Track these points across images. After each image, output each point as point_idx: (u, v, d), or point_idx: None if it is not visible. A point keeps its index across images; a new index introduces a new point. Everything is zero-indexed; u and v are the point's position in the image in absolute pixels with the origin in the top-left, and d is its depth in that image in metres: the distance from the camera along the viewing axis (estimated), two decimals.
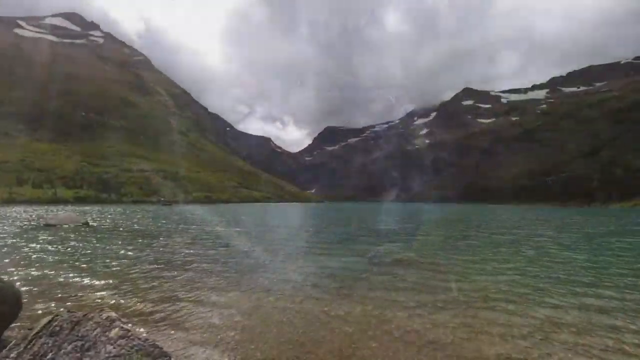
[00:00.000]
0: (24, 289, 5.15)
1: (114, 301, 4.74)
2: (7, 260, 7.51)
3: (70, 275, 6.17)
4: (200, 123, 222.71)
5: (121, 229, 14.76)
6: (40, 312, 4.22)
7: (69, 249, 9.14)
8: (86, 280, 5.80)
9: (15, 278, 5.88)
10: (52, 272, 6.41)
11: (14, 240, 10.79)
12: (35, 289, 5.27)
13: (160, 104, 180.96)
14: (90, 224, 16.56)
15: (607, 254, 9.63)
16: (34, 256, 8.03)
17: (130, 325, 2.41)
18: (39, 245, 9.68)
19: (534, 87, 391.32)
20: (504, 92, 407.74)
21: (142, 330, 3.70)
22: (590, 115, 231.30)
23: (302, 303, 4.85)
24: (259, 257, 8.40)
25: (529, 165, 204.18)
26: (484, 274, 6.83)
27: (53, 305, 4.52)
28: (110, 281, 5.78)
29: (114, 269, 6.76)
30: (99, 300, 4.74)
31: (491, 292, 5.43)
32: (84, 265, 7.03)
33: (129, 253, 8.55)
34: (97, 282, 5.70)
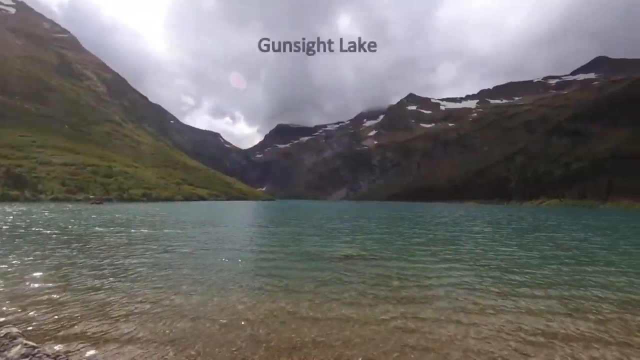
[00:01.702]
0: None
1: (18, 318, 4.05)
2: None
3: None
4: (138, 113, 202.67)
5: (34, 232, 12.82)
6: None
7: None
8: None
9: None
10: None
11: None
12: None
13: (89, 89, 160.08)
14: None
15: (537, 248, 11.26)
16: None
17: (38, 342, 1.87)
18: None
19: (467, 97, 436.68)
20: (442, 100, 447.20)
21: (54, 347, 3.31)
22: (510, 125, 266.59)
23: (248, 303, 4.83)
24: (200, 260, 8.05)
25: (461, 167, 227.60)
26: (427, 269, 7.51)
27: None
28: (16, 297, 4.92)
29: (21, 280, 5.84)
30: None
31: (432, 287, 6.00)
32: None
33: (43, 261, 7.49)
34: None
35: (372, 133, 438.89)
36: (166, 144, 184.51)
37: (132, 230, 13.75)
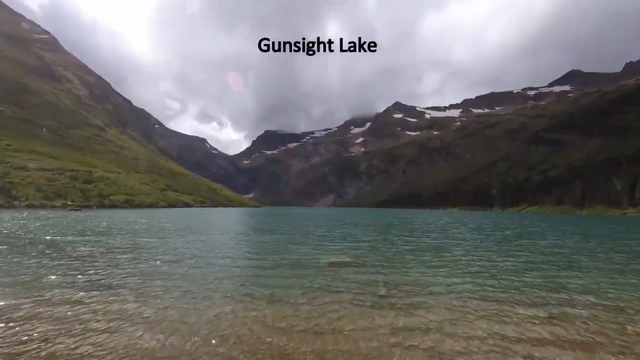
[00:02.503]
0: None
1: None
2: None
3: None
4: (121, 117, 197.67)
5: (1, 241, 12.18)
6: None
7: None
8: None
9: None
10: None
11: None
12: None
13: (69, 92, 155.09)
14: None
15: (524, 255, 11.50)
16: None
17: None
18: None
19: (451, 107, 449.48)
20: (427, 108, 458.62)
21: None
22: (492, 133, 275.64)
23: (233, 312, 4.75)
24: (181, 270, 7.83)
25: (446, 174, 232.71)
26: (418, 280, 7.55)
27: None
28: None
29: None
30: None
31: (419, 294, 6.04)
32: None
33: (9, 273, 7.11)
34: None
35: (359, 140, 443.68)
36: (150, 149, 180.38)
37: (110, 239, 13.15)
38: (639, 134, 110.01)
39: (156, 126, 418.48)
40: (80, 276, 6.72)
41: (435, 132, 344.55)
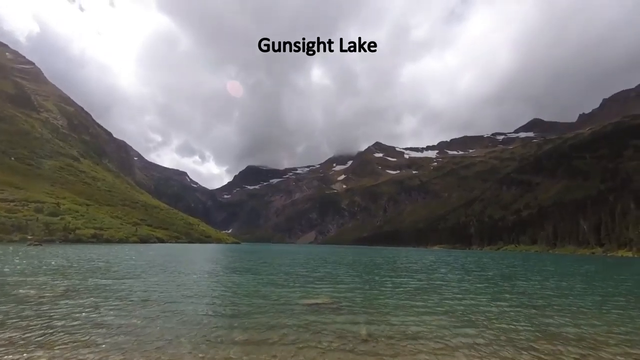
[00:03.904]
0: None
1: None
2: None
3: None
4: (98, 148, 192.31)
5: None
6: None
7: None
8: None
9: None
10: None
11: None
12: None
13: (46, 121, 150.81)
14: None
15: (511, 298, 11.42)
16: None
17: None
18: None
19: (428, 148, 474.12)
20: (406, 149, 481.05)
21: None
22: (466, 173, 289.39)
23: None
24: (148, 312, 7.14)
25: (425, 211, 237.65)
26: (400, 321, 7.23)
27: None
28: None
29: None
30: None
31: (403, 339, 5.72)
32: None
33: None
34: None
35: (341, 177, 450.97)
36: (126, 182, 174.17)
37: (64, 280, 11.63)
38: (599, 177, 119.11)
39: (135, 158, 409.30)
40: (22, 325, 5.89)
41: (414, 172, 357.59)
